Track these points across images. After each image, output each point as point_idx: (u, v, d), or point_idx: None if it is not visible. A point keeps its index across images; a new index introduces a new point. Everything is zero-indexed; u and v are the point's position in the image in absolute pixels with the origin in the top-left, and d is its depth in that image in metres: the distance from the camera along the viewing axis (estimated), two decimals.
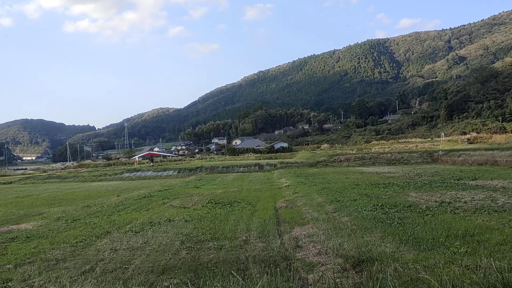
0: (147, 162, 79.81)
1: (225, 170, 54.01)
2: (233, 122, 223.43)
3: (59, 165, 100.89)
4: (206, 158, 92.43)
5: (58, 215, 17.59)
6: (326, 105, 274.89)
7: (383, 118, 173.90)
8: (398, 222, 11.75)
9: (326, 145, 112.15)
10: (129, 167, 67.26)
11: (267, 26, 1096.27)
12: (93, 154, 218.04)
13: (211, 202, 20.08)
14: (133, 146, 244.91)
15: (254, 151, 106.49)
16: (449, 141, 69.54)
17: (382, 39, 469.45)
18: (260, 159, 74.18)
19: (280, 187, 27.34)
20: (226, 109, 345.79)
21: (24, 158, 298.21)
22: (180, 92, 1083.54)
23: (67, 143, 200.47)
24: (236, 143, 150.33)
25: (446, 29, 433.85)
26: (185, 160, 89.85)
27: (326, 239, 10.07)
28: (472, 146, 57.44)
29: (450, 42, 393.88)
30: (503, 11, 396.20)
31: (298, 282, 5.30)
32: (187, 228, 12.99)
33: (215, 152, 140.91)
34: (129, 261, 9.26)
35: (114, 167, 72.22)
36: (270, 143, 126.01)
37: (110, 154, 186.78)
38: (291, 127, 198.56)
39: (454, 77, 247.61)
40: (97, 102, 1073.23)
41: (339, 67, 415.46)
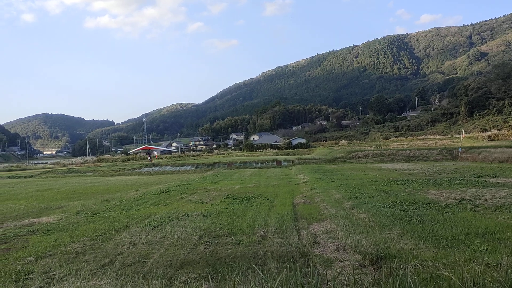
0: (165, 157, 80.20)
1: (242, 165, 54.07)
2: (251, 118, 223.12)
3: (79, 159, 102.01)
4: (224, 154, 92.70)
5: (77, 209, 17.80)
6: (344, 101, 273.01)
7: (402, 115, 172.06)
8: (417, 219, 11.66)
9: (344, 141, 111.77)
10: (147, 162, 67.68)
11: (286, 22, 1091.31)
12: (112, 149, 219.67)
13: (229, 197, 20.14)
14: (151, 141, 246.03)
15: (272, 147, 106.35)
16: (469, 138, 68.86)
17: (402, 35, 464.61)
18: (277, 155, 74.10)
19: (298, 183, 27.29)
20: (244, 104, 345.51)
21: (44, 152, 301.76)
22: (198, 87, 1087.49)
23: (87, 138, 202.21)
24: (254, 139, 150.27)
25: (467, 24, 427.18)
26: (203, 155, 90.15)
27: (344, 236, 10.03)
28: (493, 143, 56.77)
29: (471, 38, 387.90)
30: None
31: (317, 278, 5.28)
32: (205, 223, 13.04)
33: (233, 147, 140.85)
34: (147, 255, 9.33)
35: (133, 162, 72.76)
36: (288, 139, 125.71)
37: (128, 149, 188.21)
38: (309, 123, 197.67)
39: (475, 73, 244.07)
40: (116, 97, 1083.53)
41: (358, 63, 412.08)
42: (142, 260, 8.86)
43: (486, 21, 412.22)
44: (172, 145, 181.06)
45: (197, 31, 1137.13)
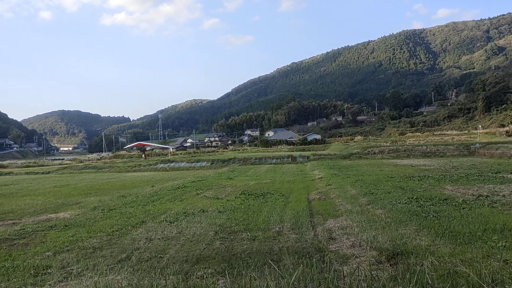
0: (181, 153, 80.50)
1: (257, 161, 54.15)
2: (266, 114, 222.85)
3: (95, 155, 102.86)
4: (239, 150, 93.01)
5: (94, 205, 17.97)
6: (360, 96, 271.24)
7: (418, 110, 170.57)
8: (433, 215, 11.56)
9: (359, 137, 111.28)
10: (163, 158, 68.04)
11: (302, 17, 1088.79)
12: (127, 145, 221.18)
13: (244, 193, 20.16)
14: (167, 137, 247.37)
15: (287, 143, 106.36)
16: (486, 133, 68.13)
17: (418, 30, 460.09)
18: (293, 151, 74.09)
19: (313, 179, 27.24)
20: (259, 100, 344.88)
21: (61, 149, 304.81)
22: (213, 83, 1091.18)
23: (103, 134, 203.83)
24: (269, 135, 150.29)
25: (485, 19, 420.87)
26: (218, 151, 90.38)
27: (360, 232, 9.99)
28: (511, 138, 56.04)
29: (488, 32, 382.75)
30: None
31: (333, 273, 5.27)
32: (221, 218, 13.08)
33: (248, 143, 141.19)
34: (164, 250, 9.39)
35: (148, 158, 73.19)
36: (303, 135, 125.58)
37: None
38: (324, 119, 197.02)
39: (493, 68, 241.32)
40: (131, 94, 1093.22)
41: (374, 58, 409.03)
42: (159, 255, 8.92)
43: (504, 15, 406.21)
44: (187, 141, 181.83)
45: (212, 28, 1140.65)
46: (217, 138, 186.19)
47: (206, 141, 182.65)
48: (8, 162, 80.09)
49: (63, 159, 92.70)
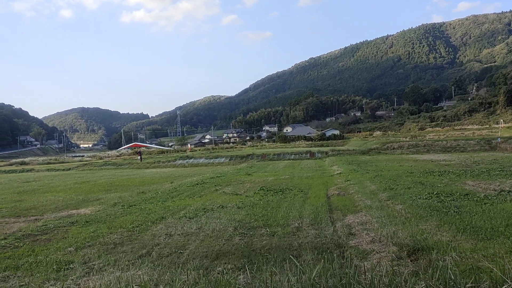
0: (199, 150, 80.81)
1: (276, 157, 54.10)
2: (284, 110, 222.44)
3: (115, 152, 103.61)
4: (257, 146, 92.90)
5: (114, 201, 18.14)
6: (378, 91, 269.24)
7: (438, 105, 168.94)
8: (454, 211, 11.44)
9: (378, 132, 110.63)
10: (182, 154, 68.35)
11: (320, 12, 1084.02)
12: (146, 142, 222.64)
13: (263, 189, 20.18)
14: (185, 134, 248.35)
15: (305, 139, 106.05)
16: (508, 128, 67.19)
17: (438, 23, 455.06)
18: (311, 147, 73.93)
19: (332, 175, 27.16)
20: (277, 96, 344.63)
21: (81, 146, 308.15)
22: (231, 80, 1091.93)
23: (122, 131, 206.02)
24: (287, 131, 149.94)
25: (506, 11, 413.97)
26: (236, 147, 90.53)
27: (379, 227, 9.93)
28: None
29: (510, 25, 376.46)
30: None
31: (354, 269, 5.25)
32: (240, 214, 13.11)
33: (266, 139, 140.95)
34: (183, 246, 9.44)
35: (167, 154, 73.63)
36: (321, 131, 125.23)
37: (163, 142, 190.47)
38: (343, 114, 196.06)
39: None
40: (150, 91, 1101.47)
41: (392, 53, 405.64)
42: (179, 251, 8.97)
43: None
44: (205, 137, 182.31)
45: (231, 24, 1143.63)
46: (235, 134, 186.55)
47: (224, 137, 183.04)
48: (29, 159, 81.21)
49: (83, 156, 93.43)
